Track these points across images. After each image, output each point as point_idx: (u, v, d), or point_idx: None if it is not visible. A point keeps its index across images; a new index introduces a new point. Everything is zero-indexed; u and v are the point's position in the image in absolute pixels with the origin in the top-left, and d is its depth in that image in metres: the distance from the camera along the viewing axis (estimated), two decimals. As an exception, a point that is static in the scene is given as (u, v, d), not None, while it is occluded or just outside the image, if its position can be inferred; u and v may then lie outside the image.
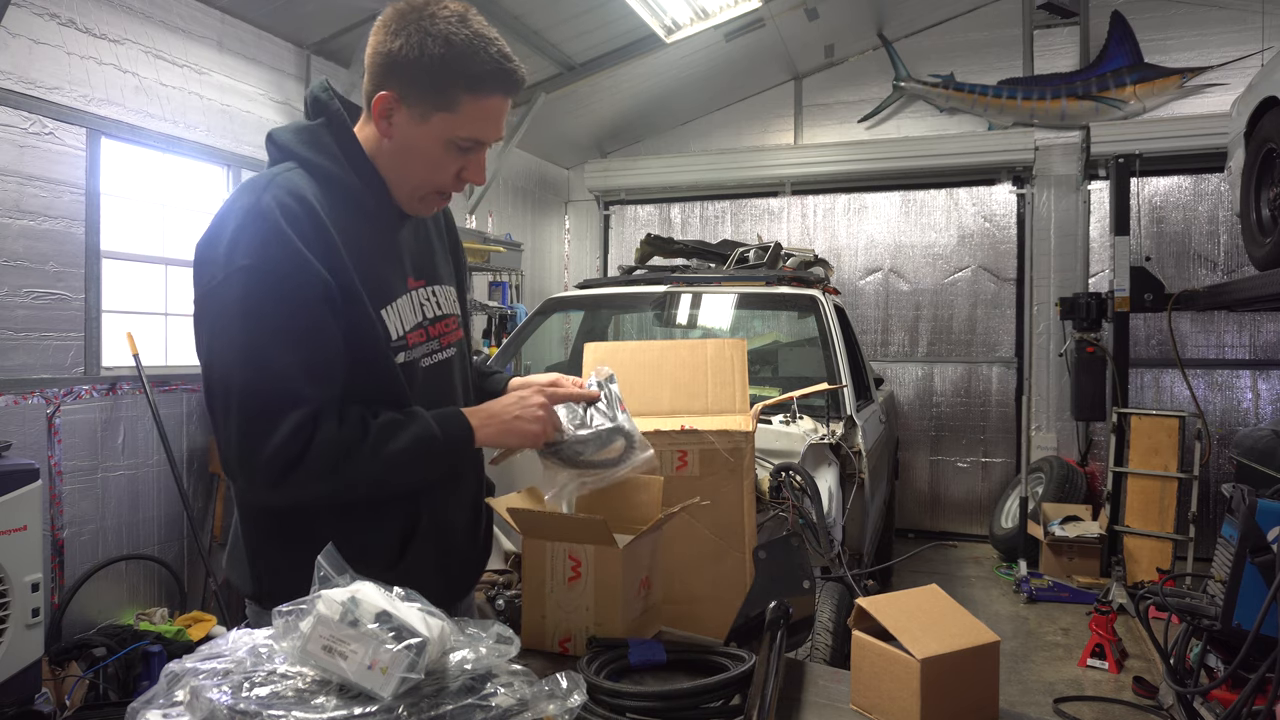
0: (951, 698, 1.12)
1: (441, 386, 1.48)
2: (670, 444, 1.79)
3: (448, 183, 1.40)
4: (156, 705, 0.95)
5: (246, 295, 1.24)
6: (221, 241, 1.27)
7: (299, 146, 1.37)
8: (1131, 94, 6.61)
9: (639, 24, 5.79)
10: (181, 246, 4.50)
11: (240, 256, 1.24)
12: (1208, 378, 6.47)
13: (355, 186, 1.37)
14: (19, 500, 2.93)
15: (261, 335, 1.23)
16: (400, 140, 1.36)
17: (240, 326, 1.23)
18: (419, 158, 1.36)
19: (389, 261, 1.41)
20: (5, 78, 3.49)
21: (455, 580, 1.55)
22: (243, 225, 1.27)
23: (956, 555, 6.62)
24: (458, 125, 1.34)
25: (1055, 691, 3.99)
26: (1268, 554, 2.70)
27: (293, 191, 1.30)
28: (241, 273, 1.24)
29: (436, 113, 1.33)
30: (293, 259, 1.25)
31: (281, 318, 1.24)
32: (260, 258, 1.24)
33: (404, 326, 1.40)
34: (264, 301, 1.24)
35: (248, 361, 1.23)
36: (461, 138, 1.35)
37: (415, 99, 1.32)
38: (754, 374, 4.34)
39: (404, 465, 1.31)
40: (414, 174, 1.38)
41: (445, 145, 1.35)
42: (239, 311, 1.23)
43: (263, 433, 1.22)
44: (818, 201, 7.56)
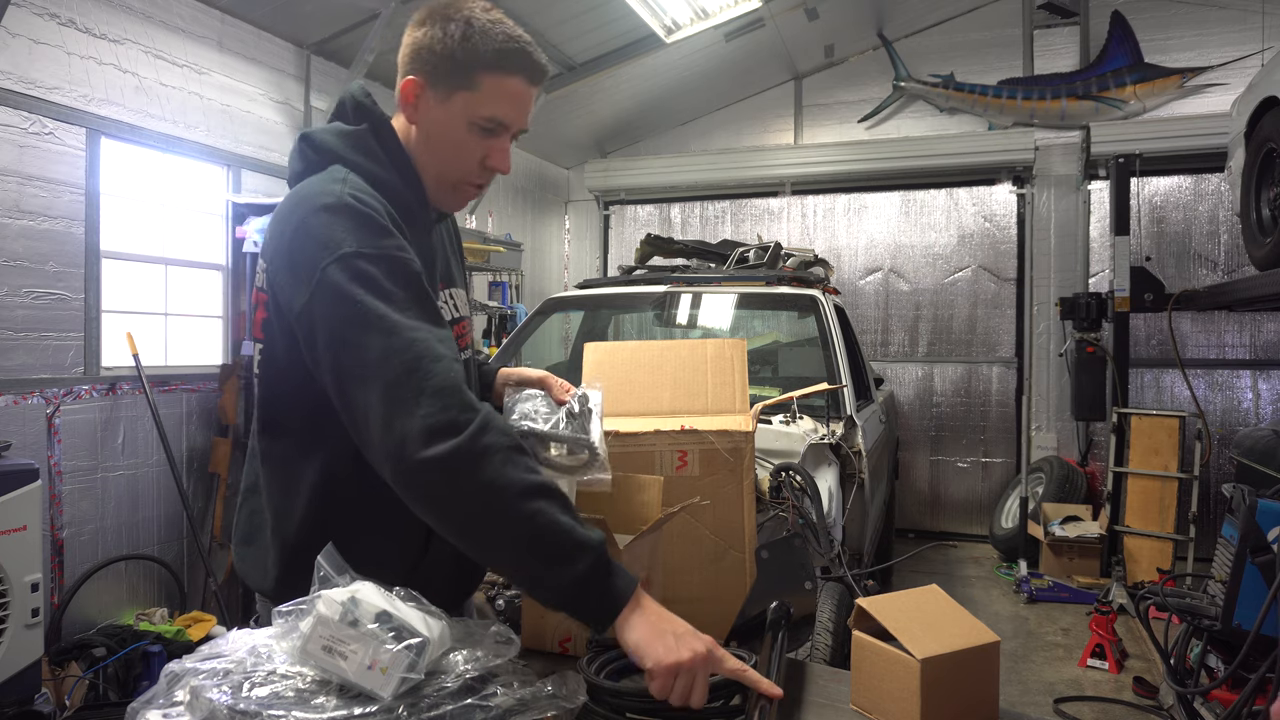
0: (951, 698, 1.12)
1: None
2: (670, 444, 1.79)
3: (473, 169, 1.40)
4: (156, 705, 0.95)
5: (357, 274, 1.19)
6: (310, 241, 1.22)
7: (347, 151, 1.36)
8: (1131, 94, 6.61)
9: (639, 24, 5.79)
10: (181, 246, 4.50)
11: (342, 244, 1.20)
12: (1208, 378, 6.47)
13: (403, 192, 1.38)
14: (19, 500, 2.93)
15: (382, 304, 1.18)
16: (425, 125, 1.37)
17: (355, 302, 1.17)
18: (444, 141, 1.37)
19: (430, 265, 1.43)
20: (5, 78, 3.49)
21: (466, 579, 1.56)
22: (333, 219, 1.23)
23: (956, 555, 6.62)
24: (479, 103, 1.34)
25: (1055, 691, 3.99)
26: (1268, 554, 2.70)
27: (368, 192, 1.30)
28: (344, 259, 1.19)
29: (458, 92, 1.34)
30: (393, 240, 1.25)
31: (398, 288, 1.20)
32: (363, 242, 1.21)
33: None
34: (376, 276, 1.19)
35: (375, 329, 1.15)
36: (483, 117, 1.35)
37: (438, 80, 1.34)
38: (754, 374, 4.34)
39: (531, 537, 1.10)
40: (440, 159, 1.39)
41: (468, 126, 1.35)
42: (351, 291, 1.18)
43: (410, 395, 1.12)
44: (818, 201, 7.56)
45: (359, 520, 1.34)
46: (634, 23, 5.78)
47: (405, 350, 1.15)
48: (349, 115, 1.41)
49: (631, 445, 1.79)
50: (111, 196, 4.05)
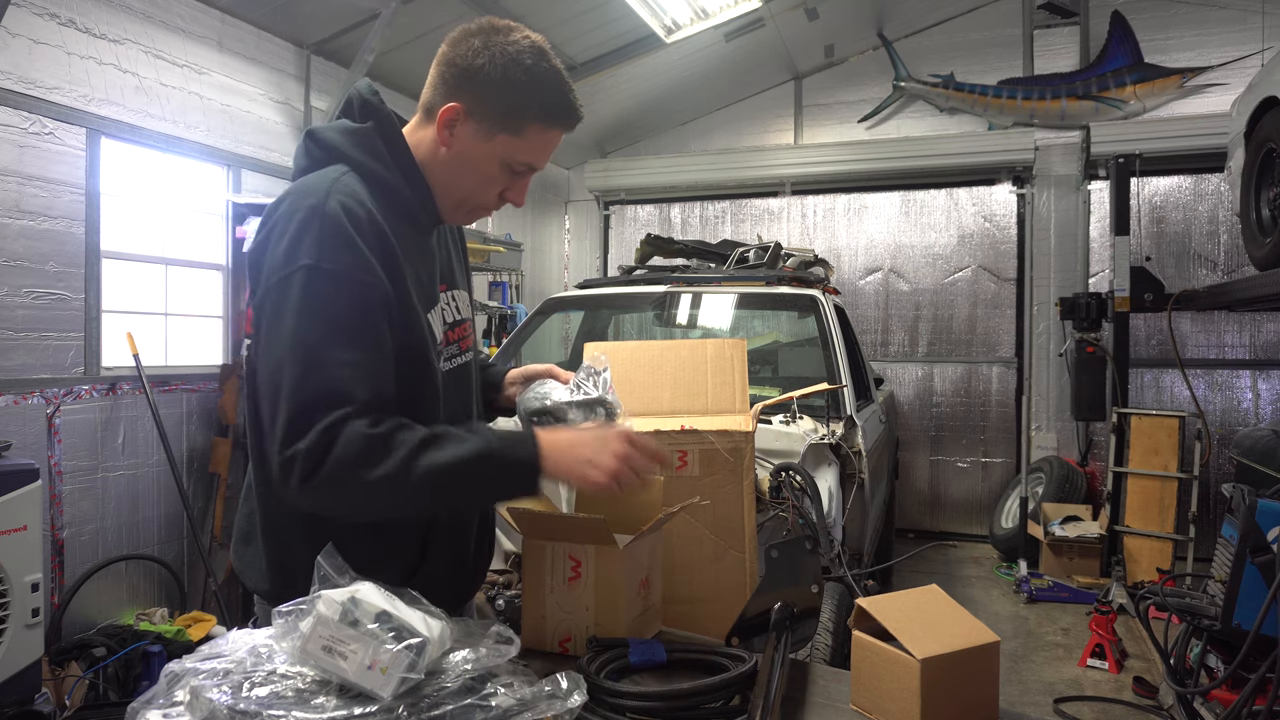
0: (951, 698, 1.12)
1: (461, 390, 1.50)
2: (670, 444, 1.79)
3: (491, 200, 1.43)
4: (156, 705, 0.95)
5: (306, 292, 1.22)
6: (282, 242, 1.25)
7: (350, 149, 1.37)
8: (1131, 94, 6.61)
9: (639, 24, 5.79)
10: (181, 246, 4.50)
11: (302, 256, 1.23)
12: (1208, 378, 6.47)
13: (404, 192, 1.38)
14: (19, 500, 2.93)
15: (315, 332, 1.21)
16: (458, 151, 1.37)
17: (295, 323, 1.21)
18: (472, 172, 1.39)
19: (429, 267, 1.43)
20: (5, 78, 3.49)
21: (466, 582, 1.56)
22: (306, 226, 1.25)
23: (956, 555, 6.62)
24: (518, 149, 1.37)
25: (1055, 691, 3.99)
26: (1268, 554, 2.70)
27: (355, 196, 1.29)
28: (303, 271, 1.22)
29: (501, 133, 1.35)
30: (356, 261, 1.25)
31: (338, 317, 1.22)
32: (322, 257, 1.23)
33: (440, 331, 1.43)
34: (322, 299, 1.22)
35: (300, 358, 1.20)
36: (519, 161, 1.38)
37: (484, 115, 1.34)
38: (754, 374, 4.34)
39: (445, 483, 1.22)
40: (463, 186, 1.40)
41: (501, 165, 1.38)
42: (296, 308, 1.22)
43: (302, 430, 1.18)
44: (818, 201, 7.56)
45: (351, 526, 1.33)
46: (634, 23, 5.78)
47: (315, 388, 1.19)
48: (355, 113, 1.41)
49: (631, 445, 1.79)
50: (111, 196, 4.05)
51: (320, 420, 1.18)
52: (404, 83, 5.45)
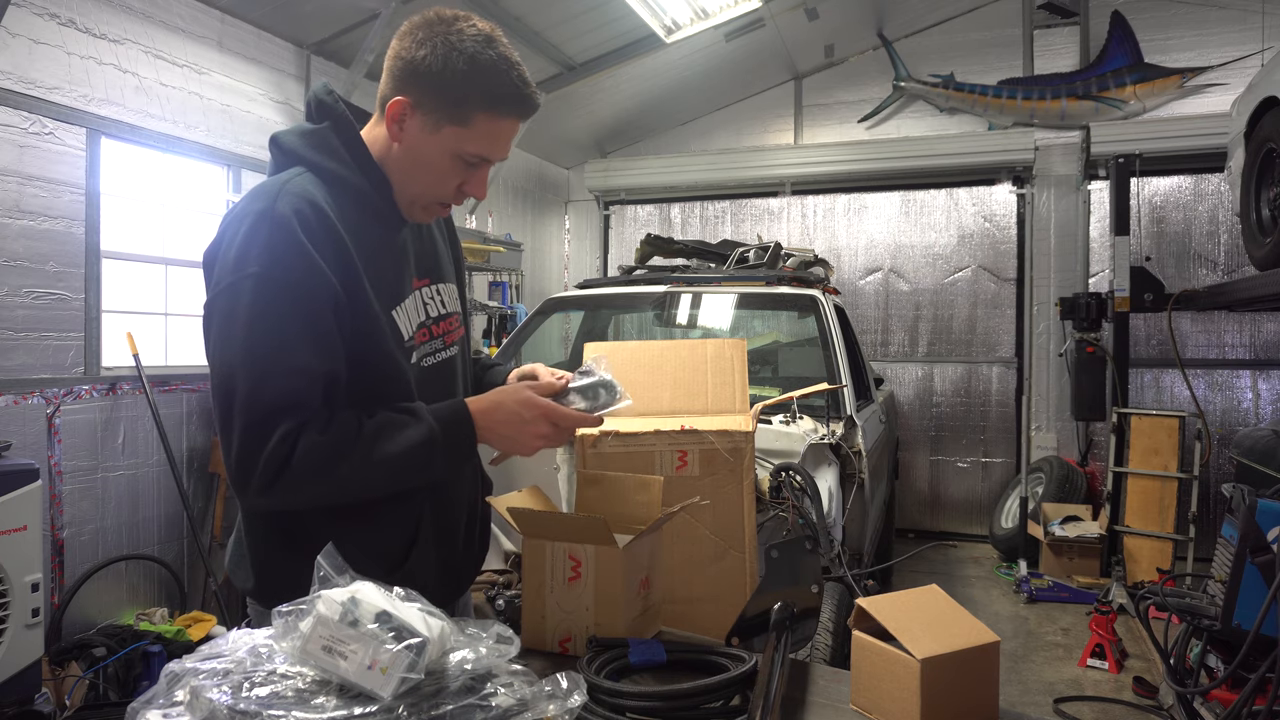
0: (951, 698, 1.12)
1: (442, 385, 1.49)
2: (670, 444, 1.79)
3: (448, 194, 1.40)
4: (156, 705, 0.95)
5: (255, 301, 1.23)
6: (233, 246, 1.26)
7: (306, 150, 1.37)
8: (1131, 94, 6.61)
9: (639, 24, 5.79)
10: (181, 246, 4.51)
11: (251, 263, 1.23)
12: (1208, 378, 6.47)
13: (364, 189, 1.37)
14: (19, 500, 2.93)
15: (267, 342, 1.23)
16: (408, 146, 1.36)
17: (246, 332, 1.23)
18: (424, 166, 1.36)
19: (397, 262, 1.42)
20: (5, 78, 3.49)
21: (454, 580, 1.56)
22: (254, 231, 1.25)
23: (956, 555, 6.62)
24: (467, 140, 1.34)
25: (1055, 691, 3.99)
26: (1268, 554, 2.70)
27: (306, 198, 1.29)
28: (251, 279, 1.23)
29: (448, 125, 1.33)
30: (304, 266, 1.25)
31: (288, 325, 1.23)
32: (270, 264, 1.23)
33: (411, 327, 1.41)
34: (271, 308, 1.23)
35: (251, 368, 1.22)
36: (469, 153, 1.35)
37: (430, 108, 1.33)
38: (754, 374, 4.34)
39: (400, 469, 1.29)
40: (417, 182, 1.38)
41: (452, 158, 1.35)
42: (246, 317, 1.23)
43: (260, 439, 1.21)
44: (818, 201, 7.56)
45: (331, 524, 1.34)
46: (634, 23, 5.78)
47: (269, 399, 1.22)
48: (313, 114, 1.42)
49: (632, 445, 1.79)
50: (111, 196, 4.05)
51: (276, 430, 1.21)
52: (404, 83, 5.45)
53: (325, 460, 1.24)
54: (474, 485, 1.59)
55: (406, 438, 1.28)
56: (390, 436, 1.28)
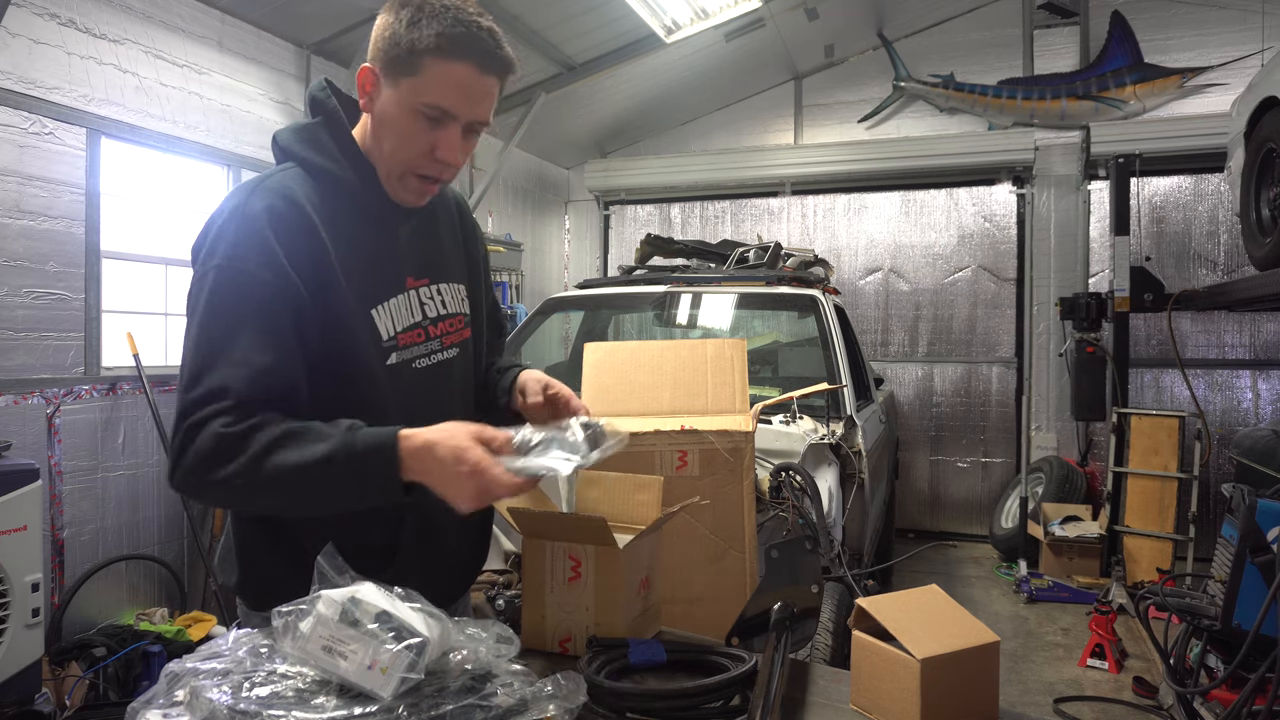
0: (951, 698, 1.12)
1: (437, 388, 1.45)
2: (670, 444, 1.79)
3: (419, 160, 1.34)
4: (156, 705, 0.95)
5: (212, 292, 1.24)
6: (206, 241, 1.29)
7: (298, 146, 1.38)
8: (1131, 94, 6.61)
9: (639, 24, 5.79)
10: (181, 246, 4.50)
11: (216, 255, 1.26)
12: (1208, 378, 6.47)
13: (354, 184, 1.36)
14: (19, 500, 2.93)
15: (215, 331, 1.23)
16: (377, 113, 1.35)
17: (200, 321, 1.24)
18: (390, 128, 1.33)
19: (386, 261, 1.40)
20: (5, 78, 3.49)
21: (446, 584, 1.52)
22: (225, 225, 1.28)
23: (956, 555, 6.62)
24: (421, 89, 1.29)
25: (1055, 691, 3.99)
26: (1268, 554, 2.70)
27: (282, 193, 1.30)
28: (214, 270, 1.25)
29: (404, 77, 1.30)
30: (263, 261, 1.25)
31: (236, 317, 1.23)
32: (232, 257, 1.25)
33: (396, 327, 1.38)
34: (225, 300, 1.24)
35: (195, 356, 1.23)
36: (425, 103, 1.29)
37: (388, 66, 1.31)
38: (754, 374, 4.34)
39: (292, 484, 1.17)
40: (387, 147, 1.35)
41: (412, 114, 1.31)
42: (203, 307, 1.24)
43: (176, 428, 1.22)
44: (818, 201, 7.56)
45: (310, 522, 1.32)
46: (634, 23, 5.78)
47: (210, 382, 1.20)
48: (308, 111, 1.44)
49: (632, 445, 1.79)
50: (111, 196, 4.04)
51: (189, 418, 1.20)
52: (404, 83, 5.45)
53: (215, 455, 1.17)
54: None
55: (309, 451, 1.16)
56: (293, 446, 1.16)
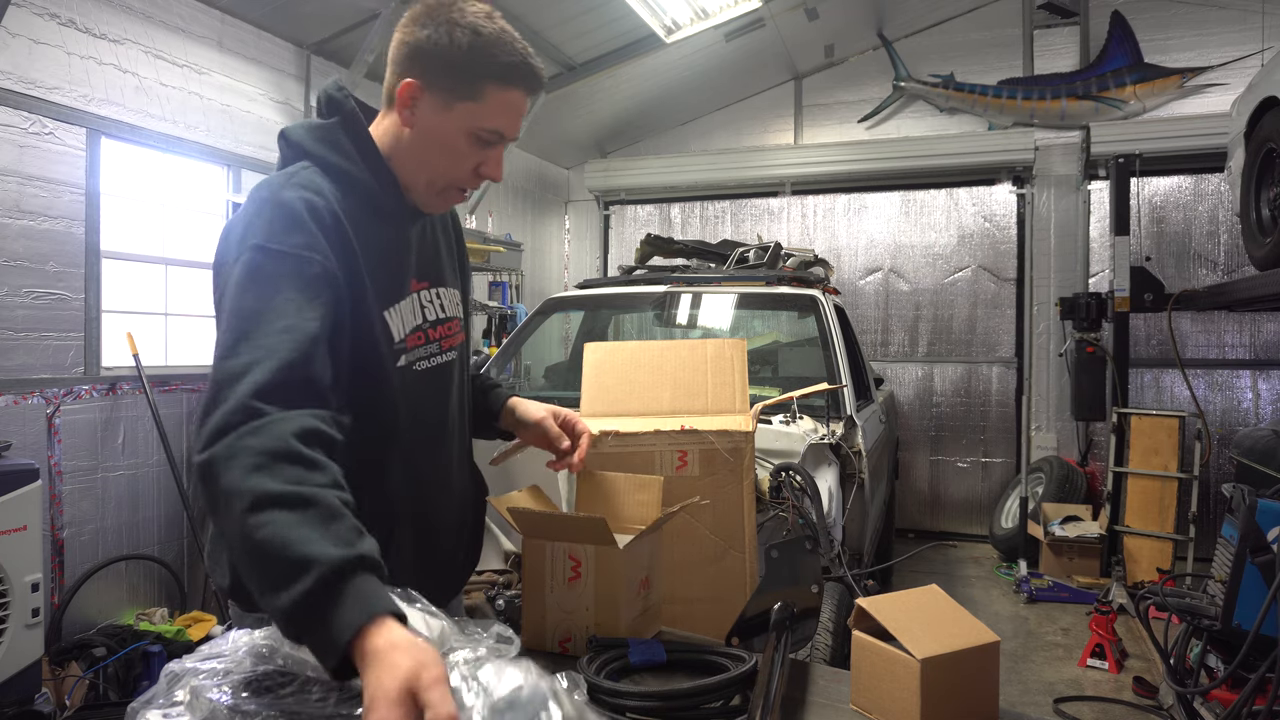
0: (951, 698, 1.12)
1: (437, 391, 1.46)
2: (670, 444, 1.79)
3: (465, 177, 1.39)
4: (156, 705, 0.95)
5: (251, 268, 1.20)
6: (237, 230, 1.26)
7: (314, 145, 1.37)
8: (1131, 94, 6.61)
9: (639, 24, 5.79)
10: (181, 246, 4.51)
11: (253, 237, 1.22)
12: (1208, 378, 6.47)
13: (370, 185, 1.36)
14: (19, 500, 2.93)
15: (253, 303, 1.18)
16: (421, 129, 1.35)
17: (236, 296, 1.19)
18: (439, 148, 1.35)
19: (398, 262, 1.40)
20: (5, 78, 3.49)
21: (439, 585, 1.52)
22: (259, 212, 1.25)
23: (956, 555, 6.62)
24: (482, 115, 1.33)
25: (1055, 691, 3.99)
26: (1268, 554, 2.70)
27: (312, 188, 1.29)
28: (252, 249, 1.21)
29: (460, 101, 1.32)
30: (305, 241, 1.23)
31: (279, 290, 1.18)
32: (270, 238, 1.22)
33: (404, 329, 1.39)
34: (265, 274, 1.20)
35: (234, 327, 1.17)
36: (485, 129, 1.34)
37: (440, 86, 1.32)
38: (754, 374, 4.34)
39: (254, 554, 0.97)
40: (433, 165, 1.37)
41: (468, 136, 1.34)
42: (239, 283, 1.20)
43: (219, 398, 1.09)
44: (818, 201, 7.56)
45: None
46: (634, 23, 5.78)
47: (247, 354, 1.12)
48: (322, 110, 1.42)
49: (632, 445, 1.79)
50: (111, 196, 4.05)
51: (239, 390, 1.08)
52: (404, 83, 5.45)
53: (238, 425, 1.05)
54: (465, 488, 1.57)
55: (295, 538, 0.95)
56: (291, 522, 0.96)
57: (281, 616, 0.94)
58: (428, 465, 1.45)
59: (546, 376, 5.20)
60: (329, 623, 0.90)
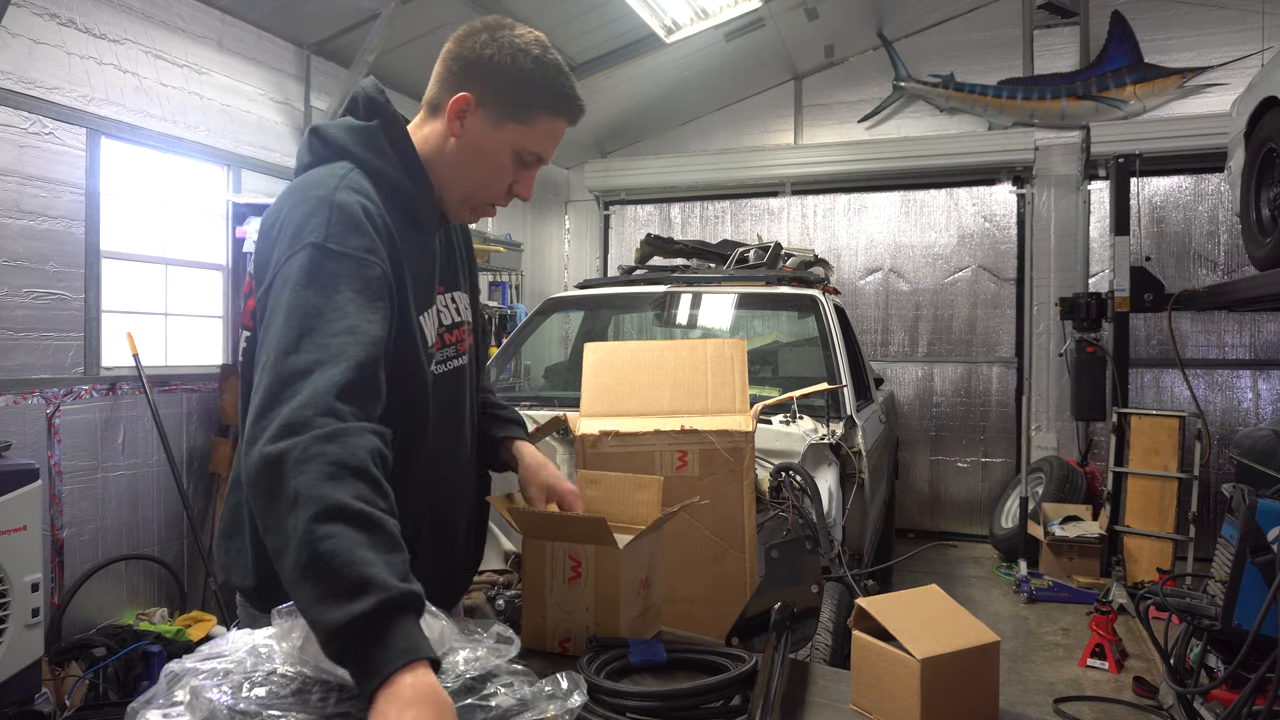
0: (951, 698, 1.12)
1: (453, 393, 1.48)
2: (670, 444, 1.79)
3: (499, 194, 1.43)
4: (156, 705, 0.95)
5: (312, 265, 1.19)
6: (289, 228, 1.23)
7: (356, 147, 1.36)
8: (1131, 94, 6.61)
9: (639, 24, 5.79)
10: (181, 246, 4.50)
11: (309, 234, 1.21)
12: (1208, 378, 6.47)
13: (409, 191, 1.37)
14: (19, 500, 2.93)
15: (314, 300, 1.17)
16: (469, 142, 1.37)
17: (294, 293, 1.17)
18: (483, 162, 1.39)
19: (428, 269, 1.42)
20: (5, 78, 3.49)
21: (451, 583, 1.55)
22: (314, 212, 1.23)
23: (956, 555, 6.62)
24: (528, 138, 1.38)
25: (1055, 691, 3.99)
26: (1268, 554, 2.70)
27: (364, 193, 1.29)
28: (309, 248, 1.20)
29: (510, 121, 1.36)
30: (364, 244, 1.23)
31: (340, 290, 1.18)
32: (329, 237, 1.21)
33: (432, 334, 1.41)
34: (325, 272, 1.19)
35: (296, 324, 1.15)
36: (528, 151, 1.39)
37: (494, 104, 1.35)
38: (754, 374, 4.33)
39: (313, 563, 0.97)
40: (473, 178, 1.40)
41: (512, 154, 1.39)
42: (297, 280, 1.18)
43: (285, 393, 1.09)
44: (818, 201, 7.56)
45: None
46: (634, 23, 5.78)
47: (313, 351, 1.12)
48: (360, 111, 1.40)
49: (632, 445, 1.79)
50: (111, 196, 4.04)
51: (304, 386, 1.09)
52: (404, 83, 5.45)
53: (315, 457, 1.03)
54: (477, 488, 1.59)
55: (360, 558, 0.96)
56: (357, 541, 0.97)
57: (329, 628, 0.93)
58: (446, 467, 1.46)
59: (546, 376, 5.20)
60: (377, 649, 0.91)
